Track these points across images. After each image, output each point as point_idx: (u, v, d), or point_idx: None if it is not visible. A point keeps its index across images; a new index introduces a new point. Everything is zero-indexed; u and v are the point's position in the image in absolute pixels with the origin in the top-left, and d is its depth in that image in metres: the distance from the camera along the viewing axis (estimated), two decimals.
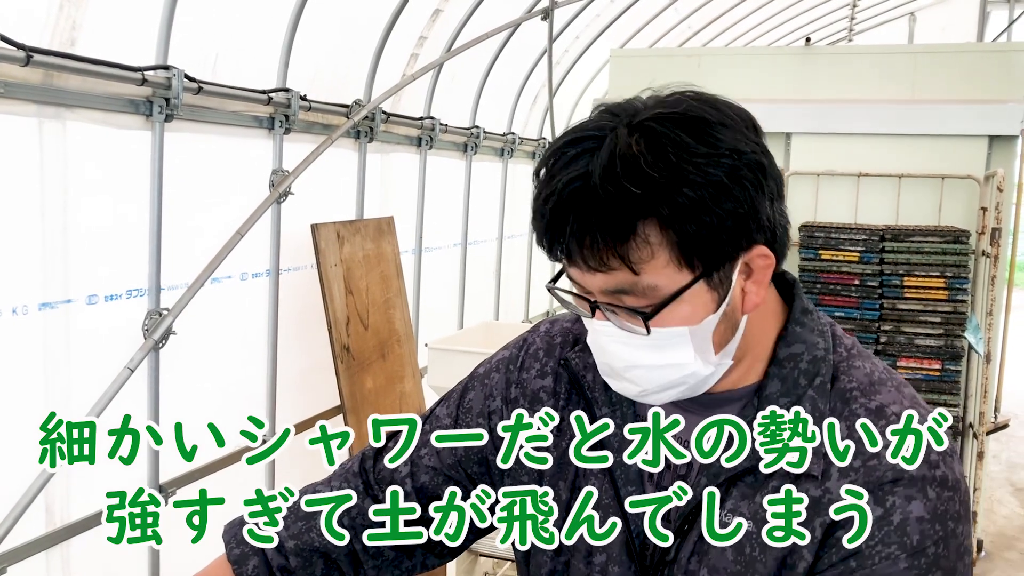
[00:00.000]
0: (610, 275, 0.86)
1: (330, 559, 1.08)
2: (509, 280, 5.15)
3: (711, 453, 0.93)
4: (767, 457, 0.91)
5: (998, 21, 8.26)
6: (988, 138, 3.93)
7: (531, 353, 1.09)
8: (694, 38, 6.37)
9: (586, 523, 0.97)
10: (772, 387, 0.95)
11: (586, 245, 0.84)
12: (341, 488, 1.08)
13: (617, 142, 0.84)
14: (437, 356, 3.33)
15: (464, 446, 1.08)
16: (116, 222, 2.33)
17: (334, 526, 1.05)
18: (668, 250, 0.84)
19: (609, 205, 0.83)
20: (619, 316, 0.89)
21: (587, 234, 0.84)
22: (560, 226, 0.85)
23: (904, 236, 3.67)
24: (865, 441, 0.90)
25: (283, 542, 1.07)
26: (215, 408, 2.74)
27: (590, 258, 0.85)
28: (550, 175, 0.87)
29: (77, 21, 2.11)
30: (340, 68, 3.24)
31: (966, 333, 3.57)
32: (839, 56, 4.67)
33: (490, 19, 3.71)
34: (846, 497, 0.88)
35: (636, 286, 0.86)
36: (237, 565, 1.07)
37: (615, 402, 1.00)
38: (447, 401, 1.13)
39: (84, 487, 2.27)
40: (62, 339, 2.20)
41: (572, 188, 0.84)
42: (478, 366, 1.15)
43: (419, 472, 1.08)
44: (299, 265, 3.11)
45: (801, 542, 0.90)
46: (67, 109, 2.12)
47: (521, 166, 5.17)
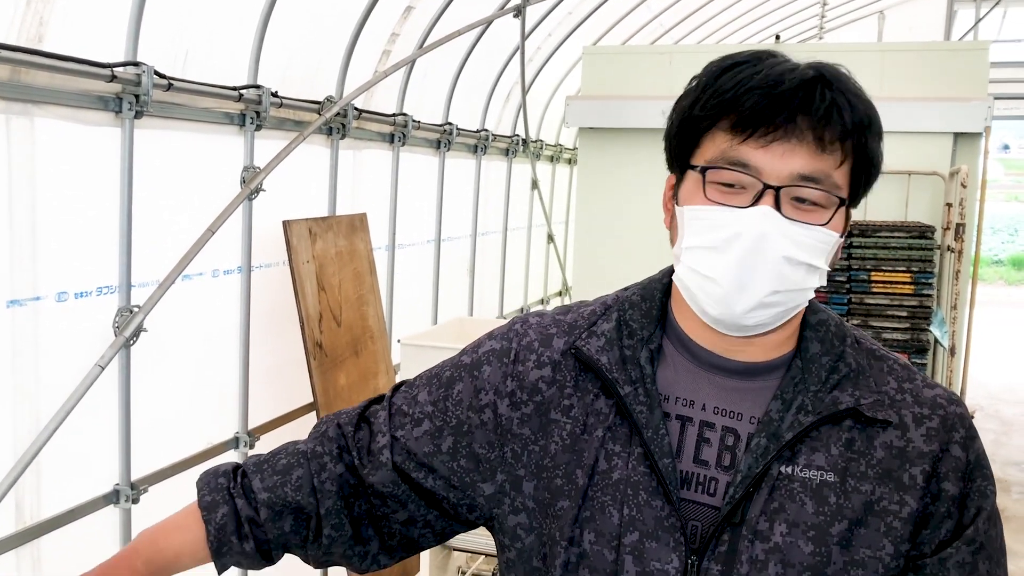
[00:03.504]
0: (819, 159, 0.93)
1: (300, 516, 1.09)
2: (483, 277, 5.16)
3: (768, 418, 0.98)
4: (832, 406, 0.97)
5: (965, 20, 8.38)
6: (953, 135, 4.00)
7: (525, 345, 1.08)
8: (666, 35, 6.41)
9: (609, 505, 0.98)
10: (813, 348, 1.01)
11: (828, 122, 0.92)
12: (316, 450, 1.11)
13: (822, 67, 0.97)
14: (410, 352, 3.34)
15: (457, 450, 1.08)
16: (86, 219, 2.32)
17: (312, 486, 1.08)
18: (851, 163, 0.96)
19: (852, 97, 0.95)
20: (791, 207, 0.94)
21: (835, 111, 0.93)
22: (805, 98, 0.92)
23: (871, 232, 3.72)
24: (917, 389, 1.01)
25: (256, 493, 1.08)
26: (186, 405, 2.74)
27: (825, 134, 0.92)
28: (765, 66, 0.95)
29: (44, 17, 2.10)
30: (311, 64, 3.24)
31: (932, 327, 3.64)
32: (809, 53, 4.71)
33: (462, 16, 3.72)
34: (932, 445, 0.97)
35: (828, 179, 0.94)
36: (207, 512, 1.08)
37: (635, 380, 1.01)
38: (430, 386, 1.12)
39: (55, 485, 2.26)
40: (31, 337, 2.19)
41: (815, 74, 0.94)
42: (462, 355, 1.13)
43: (398, 452, 1.09)
44: (271, 262, 3.10)
45: (888, 486, 0.95)
46: (35, 106, 2.10)
47: (494, 162, 5.18)
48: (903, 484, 0.95)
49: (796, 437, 0.95)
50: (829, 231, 0.95)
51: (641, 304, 1.06)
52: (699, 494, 0.97)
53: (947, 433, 0.97)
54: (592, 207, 4.66)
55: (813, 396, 0.97)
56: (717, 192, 0.96)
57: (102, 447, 2.41)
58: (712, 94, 0.95)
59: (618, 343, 1.03)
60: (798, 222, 0.94)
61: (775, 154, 0.93)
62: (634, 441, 0.99)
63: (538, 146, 5.70)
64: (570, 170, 6.55)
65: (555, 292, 6.45)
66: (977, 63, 4.04)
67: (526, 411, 1.05)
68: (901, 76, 4.09)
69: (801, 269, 0.94)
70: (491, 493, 1.06)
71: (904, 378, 1.01)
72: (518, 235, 5.66)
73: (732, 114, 0.94)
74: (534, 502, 1.02)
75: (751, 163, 0.93)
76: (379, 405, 1.13)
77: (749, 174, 0.94)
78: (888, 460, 0.96)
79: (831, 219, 0.95)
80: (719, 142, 0.96)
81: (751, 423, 0.99)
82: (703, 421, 1.00)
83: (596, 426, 1.01)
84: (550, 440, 1.03)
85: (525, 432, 1.04)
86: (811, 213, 0.94)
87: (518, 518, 1.04)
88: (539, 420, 1.04)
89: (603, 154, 4.56)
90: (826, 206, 0.95)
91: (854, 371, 1.00)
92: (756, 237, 0.93)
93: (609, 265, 4.43)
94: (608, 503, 0.98)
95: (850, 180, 0.96)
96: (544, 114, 5.70)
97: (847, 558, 0.93)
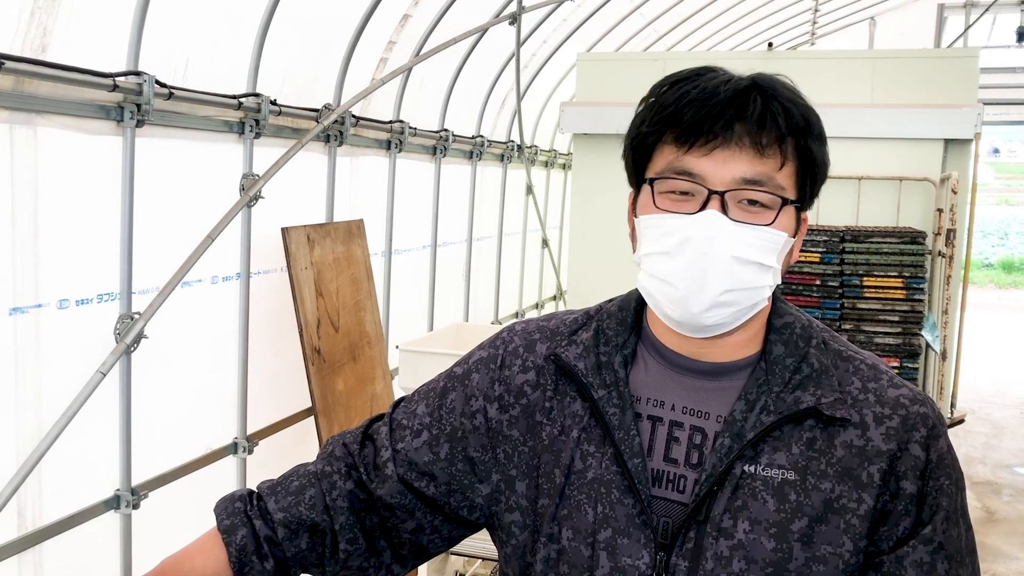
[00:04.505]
0: (759, 162, 0.98)
1: (315, 533, 1.13)
2: (479, 282, 5.19)
3: (732, 418, 1.01)
4: (794, 405, 1.00)
5: (955, 25, 8.45)
6: (944, 141, 4.04)
7: (511, 351, 1.14)
8: (659, 42, 6.46)
9: (584, 504, 1.02)
10: (777, 350, 1.05)
11: (763, 126, 0.97)
12: (325, 470, 1.15)
13: (758, 77, 1.02)
14: (407, 358, 3.36)
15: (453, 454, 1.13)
16: (87, 227, 2.34)
17: (325, 504, 1.12)
18: (794, 165, 1.00)
19: (785, 103, 0.99)
20: (738, 210, 0.98)
21: (769, 116, 0.98)
22: (740, 106, 0.97)
23: (864, 237, 3.76)
24: (881, 389, 1.03)
25: (272, 514, 1.12)
26: (186, 411, 2.76)
27: (761, 139, 0.97)
28: (703, 80, 1.00)
29: (48, 27, 2.12)
30: (310, 72, 3.26)
31: (923, 331, 3.67)
32: (800, 61, 4.77)
33: (458, 24, 3.75)
34: (890, 444, 1.00)
35: (771, 181, 0.99)
36: (227, 535, 1.12)
37: (609, 384, 1.05)
38: (427, 399, 1.17)
39: (57, 490, 2.28)
40: (33, 344, 2.21)
41: (749, 83, 0.99)
42: (454, 366, 1.19)
43: (401, 464, 1.13)
44: (270, 268, 3.13)
45: (847, 484, 0.98)
46: (38, 115, 2.12)
47: (490, 168, 5.21)
48: (861, 482, 0.98)
49: (758, 436, 0.99)
50: (775, 231, 0.99)
51: (618, 314, 1.12)
52: (669, 491, 1.02)
53: (907, 432, 1.00)
54: (586, 212, 4.69)
55: (776, 396, 1.01)
56: (667, 201, 1.01)
57: (103, 453, 2.43)
58: (656, 110, 1.01)
59: (594, 350, 1.09)
60: (745, 223, 0.98)
61: (717, 161, 0.98)
62: (607, 442, 1.04)
63: (533, 152, 5.73)
64: (564, 175, 6.58)
65: (550, 297, 6.47)
66: (967, 70, 4.09)
67: (514, 413, 1.10)
68: (892, 83, 4.14)
69: (752, 268, 0.98)
70: (488, 493, 1.11)
71: (869, 378, 1.04)
72: (513, 240, 5.69)
73: (675, 127, 0.99)
74: (526, 500, 1.07)
75: (695, 171, 0.99)
76: (380, 422, 1.19)
77: (695, 182, 0.99)
78: (848, 459, 0.99)
79: (775, 218, 0.99)
80: (667, 154, 1.01)
81: (718, 422, 1.03)
82: (672, 420, 1.04)
83: (572, 427, 1.06)
84: (537, 441, 1.08)
85: (514, 434, 1.10)
86: (758, 215, 0.99)
87: (512, 516, 1.09)
88: (526, 422, 1.09)
89: (597, 159, 4.60)
90: (771, 207, 0.99)
91: (816, 371, 1.03)
92: (704, 239, 0.97)
93: (603, 270, 4.46)
94: (584, 501, 1.03)
95: (797, 182, 1.01)
96: (539, 120, 5.73)
97: (808, 554, 0.96)
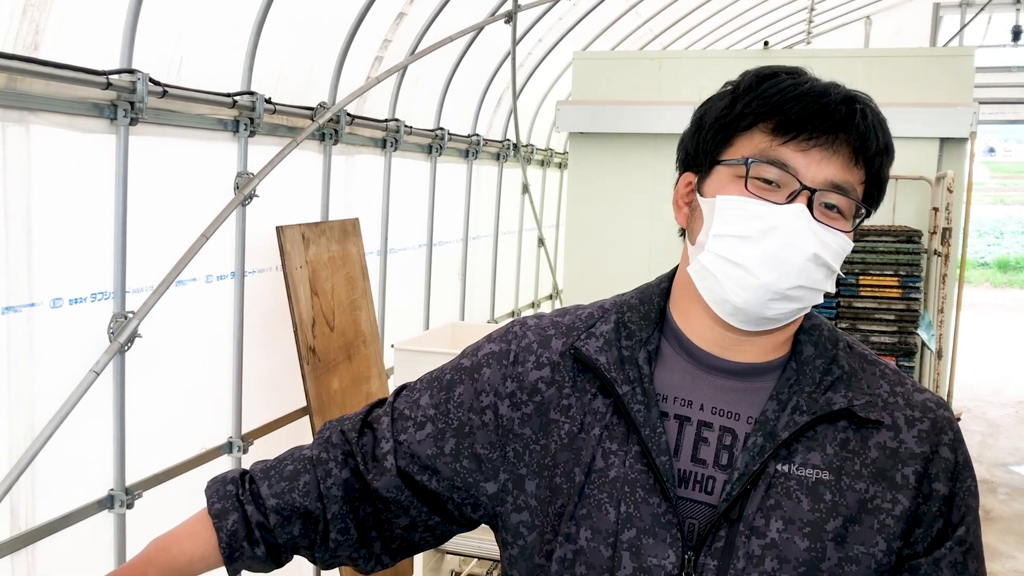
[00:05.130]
0: (850, 171, 0.99)
1: (308, 520, 1.11)
2: (475, 281, 5.18)
3: (764, 418, 1.01)
4: (826, 406, 1.00)
5: (950, 25, 8.46)
6: (939, 140, 4.04)
7: (524, 346, 1.11)
8: (655, 41, 6.46)
9: (606, 503, 1.00)
10: (807, 351, 1.05)
11: (863, 139, 0.99)
12: (320, 456, 1.13)
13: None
14: (403, 357, 3.35)
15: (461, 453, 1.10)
16: (81, 226, 2.33)
17: (319, 491, 1.10)
18: (866, 183, 1.02)
19: (881, 121, 1.02)
20: (819, 212, 0.99)
21: (870, 131, 0.99)
22: (849, 112, 0.98)
23: (859, 236, 3.75)
24: (908, 393, 1.05)
25: (264, 499, 1.10)
26: (181, 410, 2.75)
27: (862, 149, 0.99)
28: (806, 78, 1.01)
29: (40, 25, 2.11)
30: (304, 71, 3.25)
31: (919, 330, 3.67)
32: (796, 59, 4.76)
33: (454, 22, 3.74)
34: (923, 446, 1.00)
35: (855, 191, 1.00)
36: (217, 519, 1.10)
37: (633, 380, 1.03)
38: (431, 389, 1.14)
39: (50, 490, 2.27)
40: (26, 343, 2.20)
41: (850, 95, 1.00)
42: (462, 358, 1.15)
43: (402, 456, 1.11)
44: (264, 267, 3.12)
45: (881, 484, 0.98)
46: (31, 113, 2.11)
47: (485, 167, 5.21)
48: (896, 483, 0.98)
49: (792, 436, 0.98)
50: (849, 239, 1.01)
51: (640, 307, 1.09)
52: (696, 492, 1.00)
53: (937, 435, 1.01)
54: (582, 211, 4.68)
55: (808, 397, 1.01)
56: (753, 186, 1.00)
57: (97, 452, 2.41)
58: (756, 97, 1.00)
59: (616, 344, 1.06)
60: (827, 225, 0.99)
61: (813, 159, 0.98)
62: (631, 439, 1.01)
63: (529, 151, 5.72)
64: (560, 174, 6.58)
65: (545, 296, 6.47)
66: (963, 69, 4.09)
67: (526, 411, 1.07)
68: (888, 82, 4.13)
69: (823, 270, 0.99)
70: (494, 492, 1.08)
71: (895, 382, 1.05)
72: (509, 239, 5.68)
73: (775, 117, 0.99)
74: (536, 500, 1.05)
75: (790, 164, 0.98)
76: (381, 410, 1.15)
77: (788, 173, 0.98)
78: (882, 460, 0.99)
79: (853, 227, 1.01)
80: (756, 142, 1.00)
81: (748, 423, 1.01)
82: (701, 421, 1.02)
83: (593, 425, 1.03)
84: (550, 439, 1.05)
85: (526, 432, 1.07)
86: (835, 220, 1.00)
87: (520, 516, 1.06)
88: (539, 420, 1.06)
89: (593, 158, 4.59)
90: (848, 216, 1.01)
91: (847, 373, 1.03)
92: (791, 232, 0.97)
93: (599, 269, 4.46)
94: (605, 500, 1.00)
95: (862, 198, 1.02)
96: (535, 119, 5.73)
97: (841, 554, 0.96)
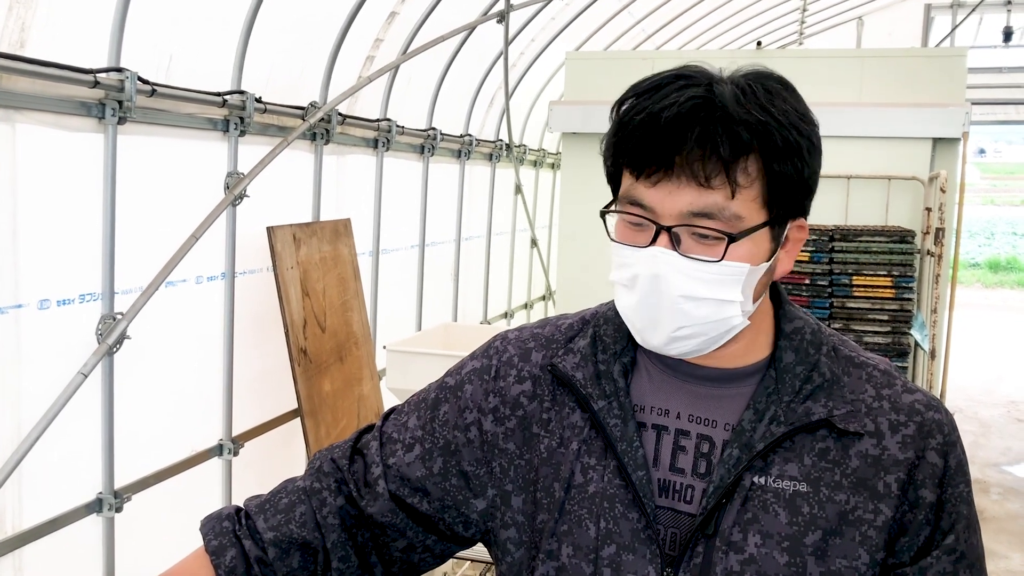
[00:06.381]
0: (706, 194, 0.89)
1: (307, 551, 1.09)
2: (467, 282, 5.17)
3: (740, 428, 0.97)
4: (804, 417, 0.96)
5: (942, 25, 8.49)
6: (932, 140, 4.05)
7: (505, 360, 1.10)
8: (648, 41, 6.45)
9: (586, 519, 0.98)
10: (787, 357, 1.00)
11: (704, 156, 0.88)
12: (314, 486, 1.11)
13: (732, 81, 0.92)
14: (395, 358, 3.33)
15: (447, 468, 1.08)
16: (68, 226, 2.30)
17: (316, 521, 1.08)
18: (760, 185, 0.91)
19: (732, 124, 0.88)
20: (692, 242, 0.92)
21: (709, 144, 0.88)
22: (678, 135, 0.89)
23: (853, 236, 3.76)
24: (896, 395, 1.00)
25: (262, 533, 1.08)
26: (170, 413, 2.72)
27: (702, 170, 0.89)
28: (660, 95, 0.91)
29: (27, 22, 2.08)
30: (295, 70, 3.23)
31: (912, 330, 3.67)
32: (789, 60, 4.77)
33: (446, 22, 3.73)
34: (907, 452, 0.96)
35: (723, 212, 0.90)
36: (215, 556, 1.07)
37: (609, 394, 1.01)
38: (418, 411, 1.13)
39: (37, 494, 2.24)
40: (13, 345, 2.17)
41: (694, 103, 0.89)
42: (446, 376, 1.14)
43: (393, 480, 1.09)
44: (255, 268, 3.09)
45: (862, 495, 0.95)
46: (17, 111, 2.09)
47: (478, 167, 5.19)
48: (878, 492, 0.94)
49: (768, 447, 0.95)
50: (731, 263, 0.91)
51: (614, 319, 1.07)
52: (676, 501, 0.98)
53: (923, 440, 0.96)
54: (575, 212, 4.67)
55: (786, 407, 0.97)
56: (625, 229, 0.96)
57: (85, 455, 2.39)
58: (614, 130, 0.95)
59: (592, 359, 1.04)
60: (695, 258, 0.91)
61: (663, 193, 0.91)
62: (608, 454, 0.99)
63: (521, 151, 5.71)
64: (553, 174, 6.57)
65: (539, 296, 6.46)
66: (955, 69, 4.09)
67: (510, 426, 1.06)
68: (880, 82, 4.14)
69: (707, 304, 0.93)
70: (483, 508, 1.07)
71: (883, 384, 1.00)
72: (502, 240, 5.67)
73: (623, 155, 0.94)
74: (523, 516, 1.03)
75: (646, 202, 0.93)
76: (370, 435, 1.14)
77: (645, 215, 0.93)
78: (863, 469, 0.95)
79: (724, 253, 0.91)
80: (626, 178, 0.96)
81: (726, 430, 0.99)
82: (678, 429, 1.00)
83: (572, 439, 1.02)
84: (534, 454, 1.04)
85: (510, 447, 1.05)
86: (712, 247, 0.92)
87: (508, 532, 1.04)
88: (523, 434, 1.05)
89: (586, 158, 4.58)
90: (723, 240, 0.92)
91: (828, 381, 0.99)
92: (651, 278, 0.93)
93: (592, 269, 4.44)
94: (585, 516, 0.98)
95: (765, 201, 0.92)
96: (527, 119, 5.71)
97: (823, 568, 0.93)
